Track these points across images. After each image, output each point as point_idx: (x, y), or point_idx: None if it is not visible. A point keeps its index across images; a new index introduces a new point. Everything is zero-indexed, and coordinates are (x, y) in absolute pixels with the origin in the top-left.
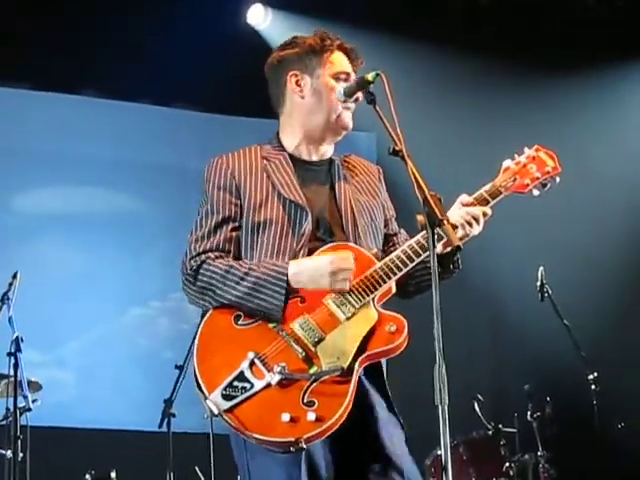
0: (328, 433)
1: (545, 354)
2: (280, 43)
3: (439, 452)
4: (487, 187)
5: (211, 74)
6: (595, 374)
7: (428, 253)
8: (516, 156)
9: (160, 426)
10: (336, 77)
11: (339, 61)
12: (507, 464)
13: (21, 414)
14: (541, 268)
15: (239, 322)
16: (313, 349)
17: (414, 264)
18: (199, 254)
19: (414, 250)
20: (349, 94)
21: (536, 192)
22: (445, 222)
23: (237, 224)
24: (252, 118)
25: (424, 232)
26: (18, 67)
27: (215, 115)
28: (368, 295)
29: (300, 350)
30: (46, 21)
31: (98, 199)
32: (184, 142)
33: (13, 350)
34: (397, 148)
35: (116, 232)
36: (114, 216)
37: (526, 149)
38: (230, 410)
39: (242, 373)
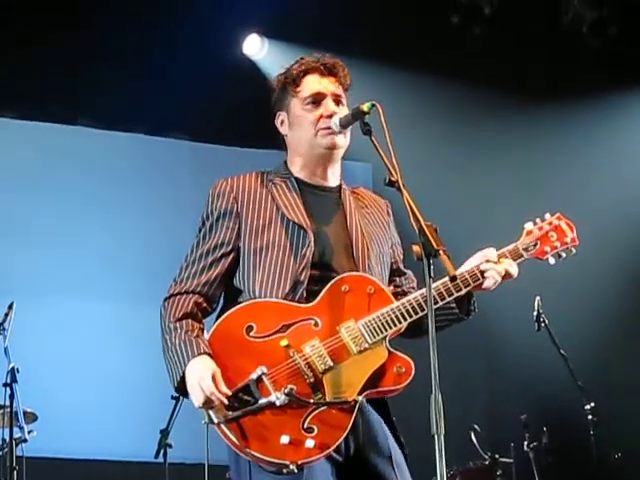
0: (319, 461)
1: (542, 384)
2: (276, 73)
3: None
4: (510, 247)
5: (208, 104)
6: (592, 404)
7: (448, 300)
8: (538, 220)
9: (156, 457)
10: (310, 102)
11: (308, 85)
12: None
13: (17, 445)
14: (538, 298)
15: (251, 334)
16: (320, 376)
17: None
18: (177, 284)
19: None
20: (345, 125)
21: (552, 260)
22: (441, 252)
23: (229, 248)
24: (249, 149)
25: (446, 279)
26: (8, 96)
27: (212, 145)
28: (382, 333)
29: (310, 375)
30: (40, 51)
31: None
32: (178, 172)
33: (9, 381)
34: (393, 179)
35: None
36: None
37: (547, 215)
38: (230, 421)
39: (248, 386)
